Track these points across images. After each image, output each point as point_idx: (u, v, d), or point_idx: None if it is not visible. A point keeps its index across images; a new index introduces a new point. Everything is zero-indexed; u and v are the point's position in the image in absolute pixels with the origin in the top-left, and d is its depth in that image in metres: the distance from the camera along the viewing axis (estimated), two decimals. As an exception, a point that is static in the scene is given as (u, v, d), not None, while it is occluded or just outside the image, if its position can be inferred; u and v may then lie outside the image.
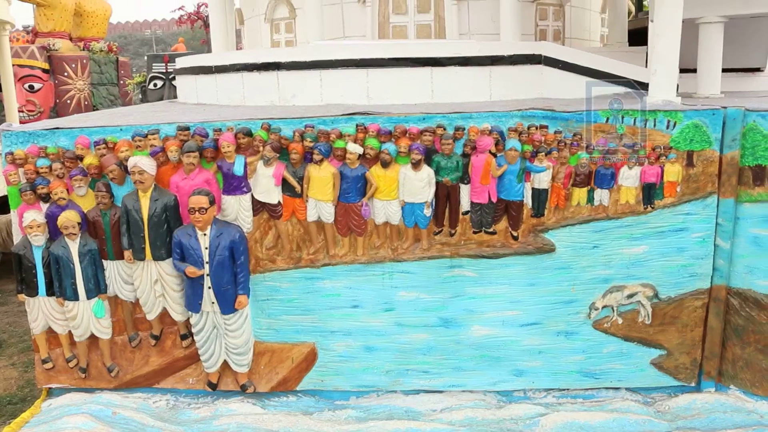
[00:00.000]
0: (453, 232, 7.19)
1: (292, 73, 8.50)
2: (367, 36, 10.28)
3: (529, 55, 8.48)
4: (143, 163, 6.82)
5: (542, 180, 7.03)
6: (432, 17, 10.21)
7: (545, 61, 8.54)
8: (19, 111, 17.05)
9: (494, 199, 7.05)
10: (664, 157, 7.04)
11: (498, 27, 9.75)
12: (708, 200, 7.11)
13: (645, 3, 17.67)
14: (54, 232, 7.15)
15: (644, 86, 8.34)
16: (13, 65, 16.63)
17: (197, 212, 6.66)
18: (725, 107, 7.00)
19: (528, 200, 7.12)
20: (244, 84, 9.09)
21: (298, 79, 8.48)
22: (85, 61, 21.62)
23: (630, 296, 7.34)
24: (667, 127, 7.06)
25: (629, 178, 7.10)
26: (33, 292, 7.29)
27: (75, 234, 7.01)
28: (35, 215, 7.06)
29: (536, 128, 6.97)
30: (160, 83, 19.86)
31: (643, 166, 7.07)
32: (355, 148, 6.83)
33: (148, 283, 7.26)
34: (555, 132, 7.00)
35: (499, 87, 8.35)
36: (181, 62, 11.43)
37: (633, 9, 18.61)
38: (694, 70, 9.31)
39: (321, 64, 8.33)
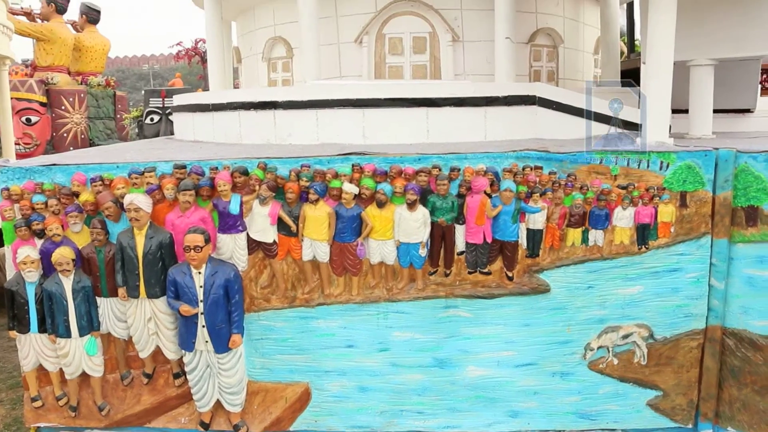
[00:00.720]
0: (448, 272, 7.19)
1: (289, 112, 8.56)
2: (364, 75, 10.37)
3: (523, 96, 8.57)
4: (139, 200, 6.83)
5: (537, 220, 7.06)
6: (428, 58, 10.34)
7: (540, 101, 8.63)
8: (15, 144, 17.08)
9: (489, 240, 7.07)
10: (658, 198, 7.10)
11: (493, 68, 9.86)
12: (702, 240, 7.16)
13: (637, 44, 17.91)
14: (48, 268, 7.13)
15: (637, 127, 8.44)
16: (11, 98, 16.72)
17: (192, 250, 6.65)
18: (717, 148, 7.08)
19: (523, 240, 7.14)
20: (241, 122, 9.14)
21: (295, 118, 8.53)
22: (82, 95, 21.75)
23: (625, 337, 7.33)
24: (661, 168, 7.12)
25: (623, 218, 7.15)
26: (25, 328, 7.23)
27: (69, 270, 6.99)
28: (29, 251, 7.04)
29: (531, 169, 7.02)
30: (156, 118, 19.94)
31: (637, 206, 7.11)
32: (350, 188, 6.86)
33: (142, 320, 7.22)
34: (549, 173, 7.05)
35: (494, 127, 8.42)
36: (178, 100, 11.50)
37: (625, 49, 18.88)
38: (686, 111, 9.43)
39: (317, 103, 8.40)
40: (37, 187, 7.22)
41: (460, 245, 7.15)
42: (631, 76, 12.35)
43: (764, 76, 23.46)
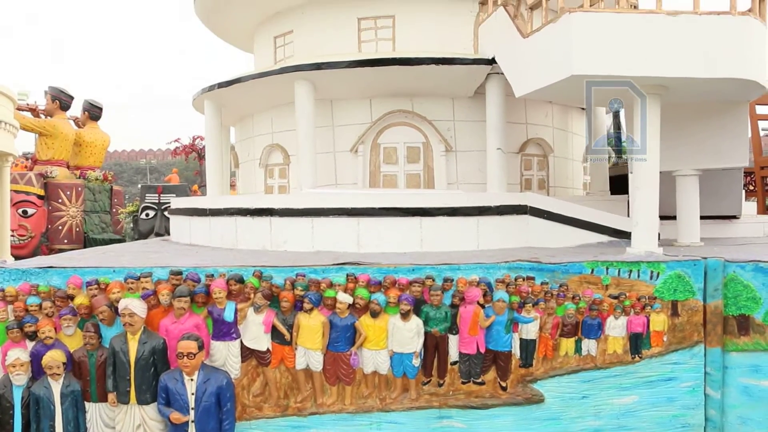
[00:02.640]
0: (441, 382, 7.15)
1: (285, 219, 8.72)
2: (359, 184, 10.63)
3: (515, 206, 8.79)
4: (134, 305, 6.84)
5: (530, 330, 7.10)
6: (421, 167, 10.63)
7: (531, 211, 8.85)
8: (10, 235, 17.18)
9: (483, 350, 7.07)
10: (650, 307, 7.18)
11: (485, 176, 10.14)
12: (695, 349, 7.19)
13: (624, 149, 18.40)
14: (37, 371, 7.02)
15: (627, 235, 8.62)
16: (10, 190, 16.93)
17: (185, 357, 6.61)
18: (706, 258, 7.22)
19: (516, 351, 7.15)
20: (237, 228, 9.29)
21: (291, 225, 8.69)
22: (80, 188, 22.08)
23: (622, 449, 7.22)
24: (651, 278, 7.23)
25: (616, 328, 7.19)
26: (8, 434, 7.07)
27: (59, 374, 6.89)
28: (19, 353, 6.94)
29: (523, 279, 7.12)
30: (152, 213, 20.16)
31: (629, 316, 7.17)
32: (345, 298, 6.92)
33: (131, 427, 7.06)
34: (542, 283, 7.14)
35: (486, 236, 8.59)
36: (175, 202, 11.69)
37: (613, 155, 19.36)
38: (674, 217, 9.65)
39: (313, 211, 8.58)
40: (33, 288, 7.24)
41: (453, 355, 7.15)
42: (619, 182, 12.68)
43: (747, 178, 24.08)
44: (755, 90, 7.97)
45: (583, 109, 12.82)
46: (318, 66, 9.90)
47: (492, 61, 9.62)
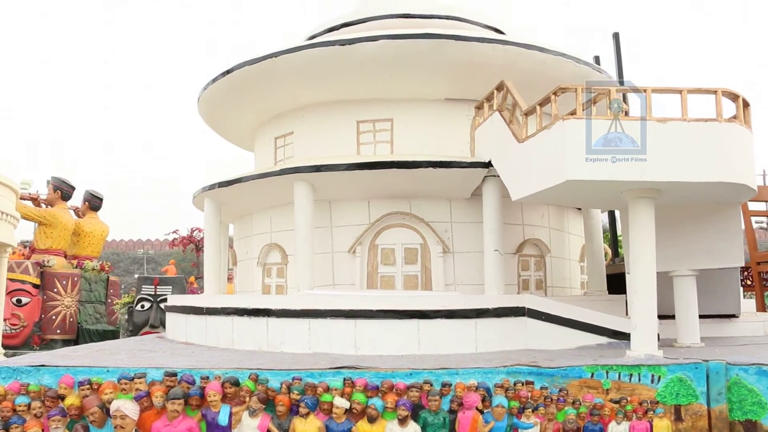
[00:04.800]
0: (441, 490, 6.93)
1: (282, 320, 8.71)
2: (357, 284, 10.64)
3: (513, 308, 8.79)
4: (126, 407, 6.71)
5: (531, 437, 6.95)
6: (419, 268, 10.68)
7: (529, 313, 8.83)
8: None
9: (482, 456, 6.90)
10: (652, 412, 7.04)
11: (483, 277, 10.16)
12: (703, 457, 7.01)
13: (621, 247, 18.51)
14: (22, 474, 6.82)
15: (626, 336, 8.56)
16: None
17: (177, 463, 6.45)
18: (707, 360, 7.15)
19: (517, 457, 6.97)
20: (234, 327, 9.25)
21: (288, 326, 8.67)
22: (76, 278, 22.02)
23: None
24: (652, 382, 7.15)
25: (618, 434, 7.04)
26: None
27: (44, 480, 6.70)
28: (3, 456, 6.78)
29: (522, 384, 7.03)
30: (147, 305, 20.06)
31: (632, 421, 7.03)
32: (341, 403, 6.80)
33: None
34: (541, 388, 7.05)
35: (484, 338, 8.54)
36: (172, 300, 11.66)
37: (609, 252, 19.46)
38: (673, 317, 9.61)
39: (310, 313, 8.57)
40: (23, 388, 7.11)
41: (452, 461, 6.97)
42: (617, 280, 12.70)
43: (744, 273, 24.11)
44: (745, 193, 8.13)
45: (579, 209, 13.01)
46: (317, 168, 10.12)
47: (488, 164, 9.84)
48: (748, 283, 25.00)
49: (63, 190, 24.01)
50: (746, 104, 7.98)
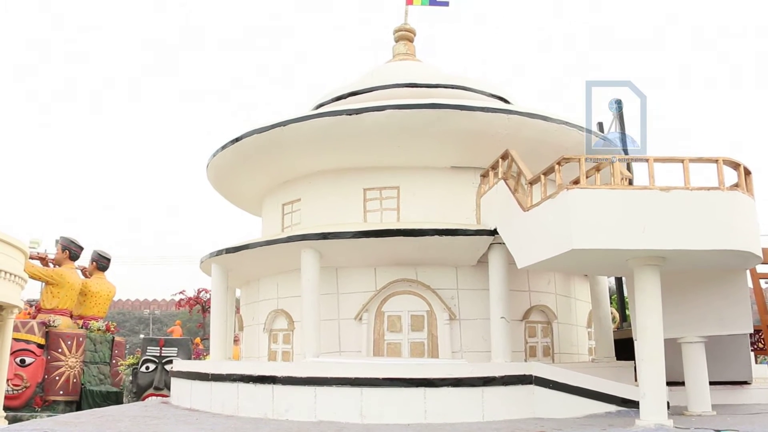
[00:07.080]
0: None
1: (287, 387, 8.65)
2: (363, 351, 10.58)
3: (520, 376, 8.72)
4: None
5: None
6: (425, 335, 10.63)
7: (536, 381, 8.76)
8: (5, 384, 16.86)
9: None
10: (664, 485, 6.91)
11: (489, 344, 10.10)
12: None
13: (629, 310, 18.34)
14: None
15: (635, 403, 8.44)
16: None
17: None
18: (719, 430, 7.04)
19: None
20: (239, 394, 9.19)
21: (293, 393, 8.61)
22: (81, 338, 21.95)
23: None
24: (665, 455, 7.03)
25: None
26: None
27: None
28: None
29: (530, 455, 6.94)
30: (152, 366, 19.91)
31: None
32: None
33: None
34: (550, 461, 6.95)
35: (491, 407, 8.45)
36: (178, 365, 11.61)
37: (617, 316, 19.30)
38: (683, 383, 9.48)
39: (316, 380, 8.52)
40: (25, 457, 7.08)
41: None
42: (625, 345, 12.55)
43: (756, 336, 23.76)
44: (751, 260, 8.14)
45: (585, 275, 12.99)
46: (324, 236, 10.20)
47: (494, 232, 9.91)
48: (760, 346, 24.61)
49: (71, 250, 24.25)
50: (748, 172, 8.07)
